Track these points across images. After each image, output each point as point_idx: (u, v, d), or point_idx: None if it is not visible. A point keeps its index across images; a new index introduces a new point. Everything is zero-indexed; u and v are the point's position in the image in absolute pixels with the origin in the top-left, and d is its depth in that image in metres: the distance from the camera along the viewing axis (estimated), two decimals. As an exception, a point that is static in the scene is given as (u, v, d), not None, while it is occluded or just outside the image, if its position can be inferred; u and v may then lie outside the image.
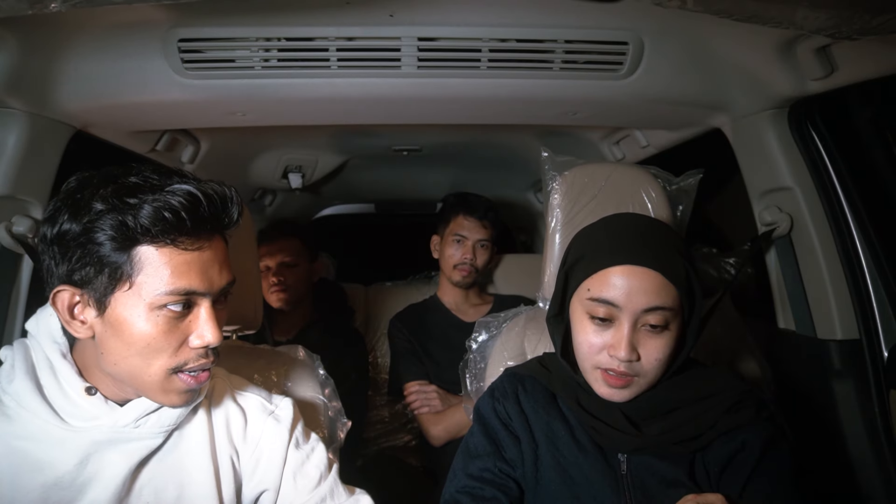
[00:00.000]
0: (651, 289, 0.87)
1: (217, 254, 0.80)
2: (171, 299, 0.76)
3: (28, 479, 0.77)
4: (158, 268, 0.75)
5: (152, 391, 0.79)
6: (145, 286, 0.75)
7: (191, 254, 0.76)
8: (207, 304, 0.79)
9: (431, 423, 1.75)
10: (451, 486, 0.97)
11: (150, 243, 0.74)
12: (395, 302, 2.15)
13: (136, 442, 0.82)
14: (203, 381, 0.82)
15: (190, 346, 0.79)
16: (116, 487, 0.80)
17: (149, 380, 0.78)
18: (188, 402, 0.83)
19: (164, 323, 0.76)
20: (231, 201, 0.81)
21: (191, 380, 0.80)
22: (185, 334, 0.78)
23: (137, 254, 0.74)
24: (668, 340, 0.89)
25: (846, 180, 1.26)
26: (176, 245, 0.75)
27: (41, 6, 0.72)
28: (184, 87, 1.19)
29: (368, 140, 1.97)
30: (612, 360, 0.89)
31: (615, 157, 1.90)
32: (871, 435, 1.20)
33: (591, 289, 0.91)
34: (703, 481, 0.91)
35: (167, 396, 0.80)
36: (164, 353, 0.77)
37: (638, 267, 0.88)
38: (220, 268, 0.81)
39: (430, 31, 1.12)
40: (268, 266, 1.89)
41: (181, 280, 0.76)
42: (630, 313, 0.87)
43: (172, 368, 0.78)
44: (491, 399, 1.02)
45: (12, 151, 1.14)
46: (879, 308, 1.23)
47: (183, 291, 0.76)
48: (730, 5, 0.81)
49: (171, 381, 0.79)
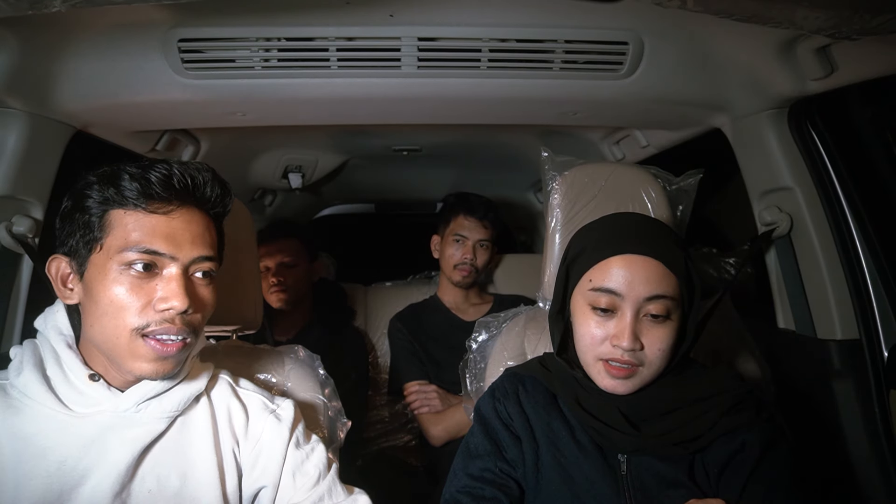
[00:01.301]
0: (652, 277, 0.88)
1: (191, 225, 0.84)
2: (134, 257, 0.80)
3: (32, 465, 0.78)
4: (125, 229, 0.80)
5: (122, 355, 0.81)
6: (113, 247, 0.80)
7: (158, 217, 0.81)
8: (177, 269, 0.82)
9: (431, 423, 1.75)
10: (452, 486, 0.97)
11: (120, 207, 0.81)
12: (395, 302, 2.14)
13: (138, 427, 0.84)
14: (172, 351, 0.82)
15: (154, 309, 0.81)
16: (119, 473, 0.81)
17: (117, 342, 0.80)
18: (159, 372, 0.83)
19: (129, 282, 0.80)
20: (206, 181, 0.86)
21: (159, 346, 0.81)
22: (149, 296, 0.81)
23: (109, 217, 0.81)
24: (670, 331, 0.90)
25: (846, 180, 1.26)
26: (145, 209, 0.81)
27: (41, 6, 0.72)
28: (184, 87, 1.19)
29: (368, 140, 1.97)
30: (614, 350, 0.89)
31: (615, 157, 1.90)
32: (871, 435, 1.20)
33: (592, 279, 0.92)
34: (703, 482, 0.91)
35: (136, 362, 0.81)
36: (128, 312, 0.80)
37: (639, 256, 0.89)
38: (193, 238, 0.84)
39: (430, 31, 1.12)
40: (267, 266, 1.89)
41: (145, 240, 0.80)
42: (632, 302, 0.89)
43: (137, 329, 0.80)
44: (492, 399, 1.02)
45: (12, 151, 1.14)
46: (879, 308, 1.23)
47: (144, 249, 0.80)
48: (730, 5, 0.81)
49: (137, 345, 0.81)
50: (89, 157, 1.33)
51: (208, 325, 1.10)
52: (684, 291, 0.91)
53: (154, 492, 0.84)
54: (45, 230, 1.20)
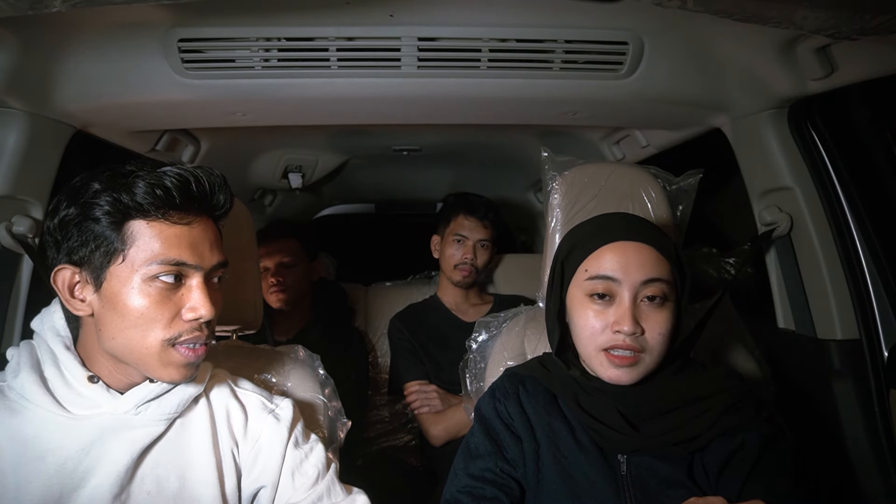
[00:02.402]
0: (646, 261, 0.92)
1: (207, 233, 0.84)
2: (163, 269, 0.79)
3: (32, 468, 0.78)
4: (150, 240, 0.79)
5: (152, 365, 0.81)
6: (137, 259, 0.79)
7: (181, 228, 0.81)
8: (199, 278, 0.83)
9: (431, 422, 1.75)
10: (452, 486, 0.97)
11: (141, 218, 0.79)
12: (395, 302, 2.14)
13: (137, 429, 0.84)
14: (201, 355, 0.84)
15: (183, 319, 0.81)
16: (118, 475, 0.81)
17: (146, 353, 0.80)
18: (187, 376, 0.84)
19: (156, 294, 0.79)
20: (219, 186, 0.85)
21: (189, 352, 0.82)
22: (177, 307, 0.81)
23: (129, 228, 0.79)
24: (668, 314, 0.92)
25: (846, 180, 1.26)
26: (167, 219, 0.80)
27: (41, 6, 0.72)
28: (184, 87, 1.19)
29: (368, 140, 1.97)
30: (616, 337, 0.90)
31: (615, 157, 1.90)
32: (871, 435, 1.20)
33: (588, 269, 0.94)
34: (703, 481, 0.91)
35: (166, 370, 0.82)
36: (157, 325, 0.80)
37: (631, 242, 0.93)
38: (211, 246, 0.84)
39: (430, 31, 1.12)
40: (266, 267, 1.88)
41: (171, 251, 0.79)
42: (629, 286, 0.91)
43: (168, 340, 0.80)
44: (492, 399, 1.02)
45: (12, 151, 1.14)
46: (879, 308, 1.23)
47: (173, 262, 0.80)
48: (730, 5, 0.82)
49: (168, 354, 0.81)
50: (89, 157, 1.33)
51: (208, 325, 1.11)
52: (677, 277, 0.94)
53: (153, 493, 0.84)
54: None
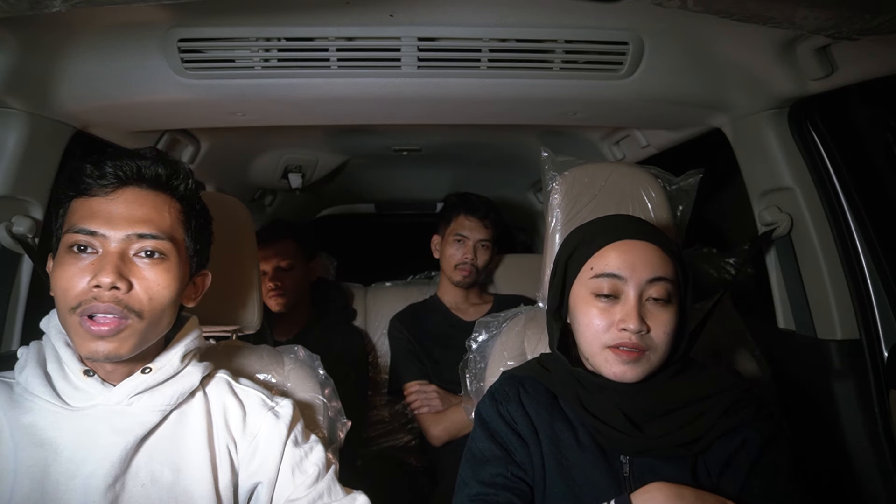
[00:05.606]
0: (652, 260, 0.92)
1: (133, 205, 0.85)
2: (72, 238, 0.83)
3: (29, 454, 0.82)
4: (71, 215, 0.85)
5: (72, 338, 0.84)
6: (63, 233, 0.85)
7: (97, 199, 0.84)
8: (113, 246, 0.83)
9: (431, 423, 1.75)
10: (463, 495, 0.94)
11: (75, 197, 0.86)
12: (395, 302, 2.14)
13: (130, 419, 0.86)
14: (104, 330, 0.81)
15: (88, 287, 0.82)
16: (112, 464, 0.83)
17: (65, 325, 0.84)
18: (101, 353, 0.82)
19: (70, 263, 0.82)
20: (147, 157, 0.88)
21: (90, 323, 0.81)
22: (88, 276, 0.82)
23: (69, 208, 0.86)
24: (673, 314, 0.92)
25: (846, 180, 1.26)
26: (87, 194, 0.85)
27: (41, 6, 0.72)
28: (184, 87, 1.19)
29: (368, 140, 1.97)
30: (621, 335, 0.90)
31: (615, 157, 1.90)
32: (871, 435, 1.20)
33: (594, 267, 0.94)
34: (706, 481, 0.91)
35: (85, 344, 0.82)
36: (68, 293, 0.81)
37: (637, 241, 0.93)
38: (133, 217, 0.85)
39: (430, 31, 1.12)
40: (263, 271, 1.86)
41: (83, 221, 0.83)
42: (635, 284, 0.91)
43: (72, 308, 0.81)
44: (493, 402, 1.00)
45: (12, 151, 1.14)
46: (879, 308, 1.23)
47: (78, 230, 0.83)
48: (730, 5, 0.82)
49: (75, 324, 0.82)
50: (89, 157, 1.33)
51: (208, 325, 1.11)
52: (681, 277, 0.94)
53: (147, 486, 0.85)
54: (45, 230, 1.20)
